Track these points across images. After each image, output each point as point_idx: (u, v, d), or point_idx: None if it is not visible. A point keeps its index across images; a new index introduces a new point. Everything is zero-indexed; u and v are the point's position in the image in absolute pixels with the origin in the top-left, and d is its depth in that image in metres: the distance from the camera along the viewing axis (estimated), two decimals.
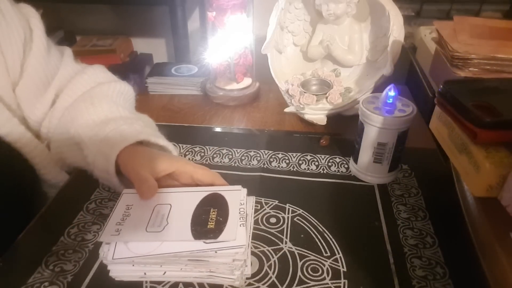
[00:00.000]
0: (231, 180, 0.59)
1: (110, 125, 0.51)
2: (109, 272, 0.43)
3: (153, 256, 0.41)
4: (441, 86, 0.47)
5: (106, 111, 0.54)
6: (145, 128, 0.54)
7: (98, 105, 0.55)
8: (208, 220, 0.43)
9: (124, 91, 0.62)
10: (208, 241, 0.41)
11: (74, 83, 0.60)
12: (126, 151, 0.48)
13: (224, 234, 0.41)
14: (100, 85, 0.60)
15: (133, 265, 0.42)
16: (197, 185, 0.50)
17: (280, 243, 0.49)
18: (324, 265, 0.46)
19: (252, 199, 0.52)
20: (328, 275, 0.44)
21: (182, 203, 0.46)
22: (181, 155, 0.65)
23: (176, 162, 0.49)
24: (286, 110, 0.75)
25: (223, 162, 0.64)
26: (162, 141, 0.53)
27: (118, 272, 0.43)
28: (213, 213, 0.44)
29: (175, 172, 0.49)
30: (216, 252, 0.40)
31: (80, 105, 0.56)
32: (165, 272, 0.43)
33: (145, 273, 0.43)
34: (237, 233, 0.42)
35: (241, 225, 0.43)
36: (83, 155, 0.53)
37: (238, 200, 0.46)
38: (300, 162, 0.63)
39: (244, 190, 0.48)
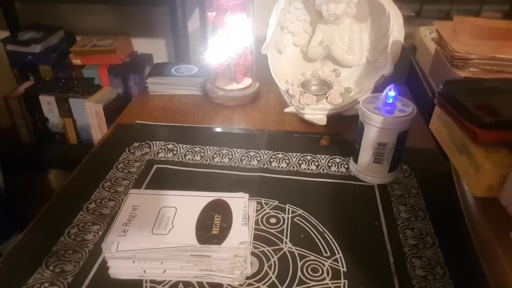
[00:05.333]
0: (231, 180, 0.60)
1: None
2: (108, 269, 0.43)
3: (156, 250, 0.42)
4: (441, 86, 0.47)
5: None
6: None
7: None
8: (213, 225, 0.45)
9: None
10: (212, 247, 0.42)
11: None
12: None
13: (227, 240, 0.43)
14: None
15: (133, 262, 0.43)
16: None
17: (280, 243, 0.49)
18: (324, 265, 0.46)
19: (254, 203, 0.54)
20: (328, 275, 0.44)
21: (187, 207, 0.48)
22: (181, 155, 0.65)
23: None
24: (286, 110, 0.75)
25: (223, 162, 0.64)
26: None
27: (118, 269, 0.43)
28: (217, 219, 0.46)
29: None
30: (219, 246, 0.42)
31: None
32: (164, 270, 0.43)
33: (144, 271, 0.43)
34: (240, 231, 0.44)
35: (244, 224, 0.45)
36: None
37: (242, 207, 0.48)
38: (300, 162, 0.63)
39: (246, 196, 0.50)
